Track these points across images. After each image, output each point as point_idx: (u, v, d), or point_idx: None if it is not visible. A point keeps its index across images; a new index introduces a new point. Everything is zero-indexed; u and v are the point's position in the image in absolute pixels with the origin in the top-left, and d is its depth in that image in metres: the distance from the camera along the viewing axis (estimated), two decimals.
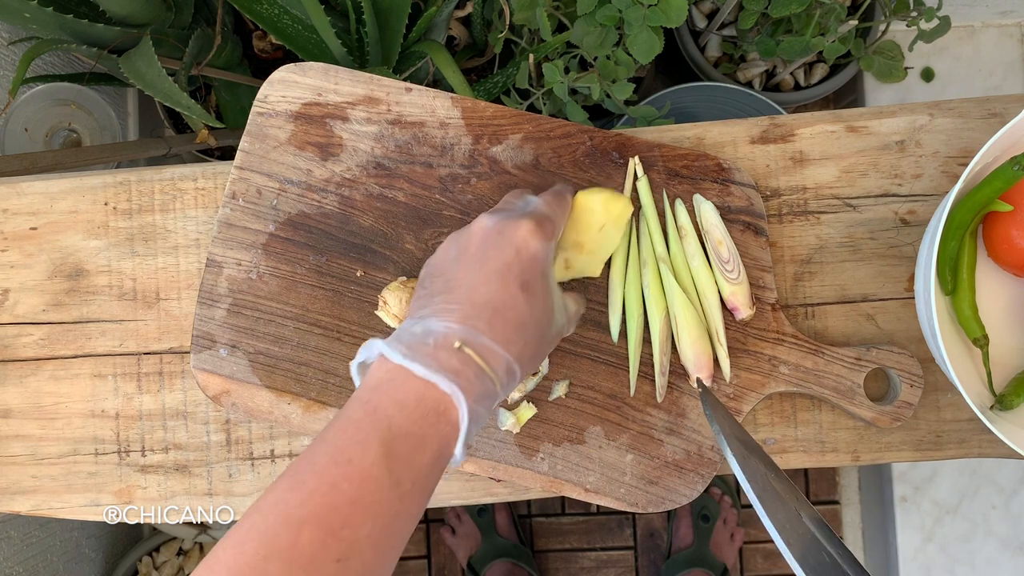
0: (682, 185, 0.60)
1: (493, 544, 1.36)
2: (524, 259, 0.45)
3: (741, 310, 0.58)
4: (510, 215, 0.47)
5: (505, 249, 0.45)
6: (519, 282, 0.45)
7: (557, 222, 0.49)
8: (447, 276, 0.46)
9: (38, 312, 0.64)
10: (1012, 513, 1.28)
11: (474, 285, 0.44)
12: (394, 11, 0.87)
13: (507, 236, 0.46)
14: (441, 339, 0.42)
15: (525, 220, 0.46)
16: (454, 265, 0.46)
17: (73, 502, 0.62)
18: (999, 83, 1.28)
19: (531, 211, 0.48)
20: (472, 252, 0.46)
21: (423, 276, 0.48)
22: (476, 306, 0.43)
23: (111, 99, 1.12)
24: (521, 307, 0.44)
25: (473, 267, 0.45)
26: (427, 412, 0.40)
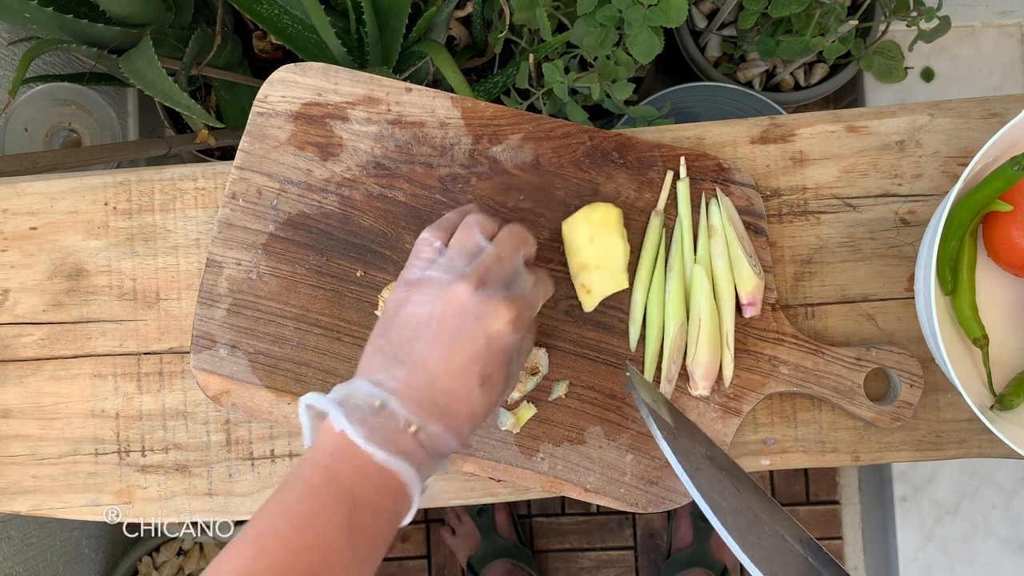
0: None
1: (493, 544, 1.36)
2: (493, 351, 0.46)
3: (757, 305, 0.58)
4: (493, 293, 0.46)
5: (477, 339, 0.45)
6: (481, 377, 0.45)
7: (535, 308, 0.49)
8: (414, 347, 0.46)
9: (38, 312, 0.64)
10: (1012, 513, 1.28)
11: (438, 372, 0.45)
12: (394, 11, 0.87)
13: (483, 323, 0.45)
14: (401, 424, 0.43)
15: (504, 309, 0.46)
16: (424, 337, 0.46)
17: (73, 502, 0.62)
18: (999, 83, 1.28)
19: (515, 297, 0.47)
20: (445, 330, 0.46)
21: (388, 319, 0.48)
22: (435, 395, 0.45)
23: (111, 99, 1.12)
24: (476, 401, 0.45)
25: (441, 350, 0.45)
26: (385, 484, 0.42)
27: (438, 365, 0.45)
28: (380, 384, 0.45)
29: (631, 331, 0.59)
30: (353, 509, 0.41)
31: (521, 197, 0.60)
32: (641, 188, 0.60)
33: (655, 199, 0.60)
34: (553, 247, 0.60)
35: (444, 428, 0.44)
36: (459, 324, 0.45)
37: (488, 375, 0.46)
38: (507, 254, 0.49)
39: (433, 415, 0.44)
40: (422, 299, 0.47)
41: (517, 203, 0.60)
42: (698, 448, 0.49)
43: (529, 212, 0.60)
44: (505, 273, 0.48)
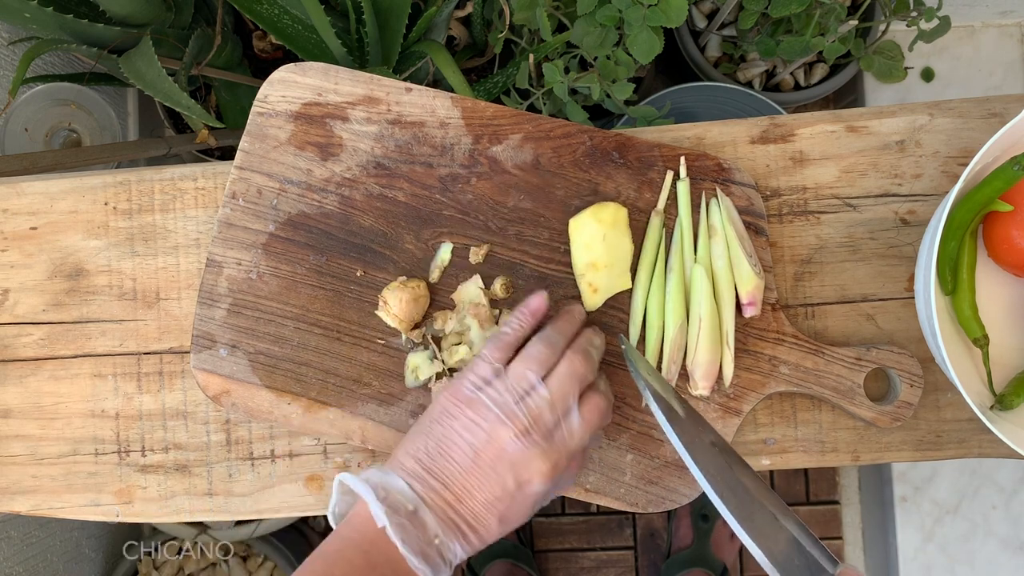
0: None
1: (492, 544, 1.35)
2: (519, 499, 0.48)
3: (757, 305, 0.58)
4: (535, 447, 0.48)
5: (507, 484, 0.48)
6: (501, 516, 0.48)
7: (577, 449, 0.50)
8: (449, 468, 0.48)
9: (38, 312, 0.64)
10: (1012, 513, 1.28)
11: (465, 499, 0.48)
12: (394, 11, 0.87)
13: (516, 471, 0.48)
14: (430, 535, 0.47)
15: (541, 464, 0.48)
16: (460, 463, 0.48)
17: (73, 502, 0.62)
18: (999, 83, 1.28)
19: (555, 450, 0.49)
20: (481, 465, 0.48)
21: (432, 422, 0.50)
22: (459, 517, 0.48)
23: (111, 99, 1.12)
24: (492, 532, 0.49)
25: (472, 482, 0.48)
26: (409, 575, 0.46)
27: (467, 493, 0.48)
28: (415, 489, 0.48)
29: (631, 331, 0.59)
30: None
31: (521, 197, 0.60)
32: (641, 188, 0.60)
33: (655, 199, 0.60)
34: (553, 247, 0.60)
35: (460, 547, 0.48)
36: (494, 465, 0.48)
37: (507, 516, 0.48)
38: (560, 398, 0.50)
39: (455, 534, 0.47)
40: (466, 423, 0.49)
41: (517, 203, 0.60)
42: (693, 423, 0.50)
43: (529, 212, 0.60)
44: (553, 420, 0.49)
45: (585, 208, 0.59)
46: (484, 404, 0.49)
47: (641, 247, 0.59)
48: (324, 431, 0.59)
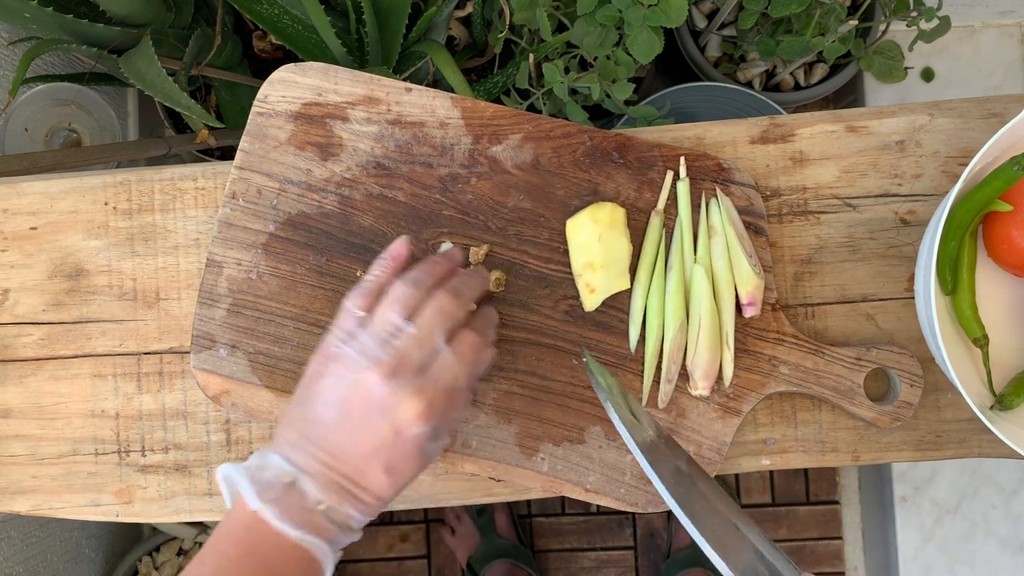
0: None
1: (492, 544, 1.36)
2: (399, 444, 0.46)
3: (757, 305, 0.58)
4: (404, 385, 0.46)
5: (382, 431, 0.46)
6: (385, 467, 0.46)
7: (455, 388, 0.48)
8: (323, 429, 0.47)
9: (38, 312, 0.64)
10: (1012, 513, 1.28)
11: (344, 457, 0.46)
12: (394, 11, 0.87)
13: (388, 416, 0.46)
14: (310, 503, 0.45)
15: (413, 403, 0.46)
16: (332, 421, 0.47)
17: (73, 502, 0.62)
18: (999, 83, 1.28)
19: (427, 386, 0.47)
20: (351, 418, 0.46)
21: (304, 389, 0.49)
22: (342, 477, 0.46)
23: (111, 99, 1.12)
24: (382, 486, 0.47)
25: (347, 437, 0.46)
26: (301, 558, 0.44)
27: (344, 450, 0.46)
28: (291, 460, 0.46)
29: (631, 331, 0.59)
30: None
31: (521, 197, 0.60)
32: (641, 188, 0.60)
33: (655, 199, 0.60)
34: (552, 247, 0.60)
35: (352, 508, 0.46)
36: (365, 414, 0.46)
37: (393, 465, 0.47)
38: (426, 335, 0.48)
39: (340, 495, 0.46)
40: (333, 380, 0.47)
41: (517, 203, 0.60)
42: (653, 432, 0.49)
43: (529, 212, 0.60)
44: (421, 358, 0.48)
45: (584, 208, 0.59)
46: (349, 356, 0.47)
47: (641, 247, 0.59)
48: None
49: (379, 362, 0.46)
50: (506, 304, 0.59)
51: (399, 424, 0.46)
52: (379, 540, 1.45)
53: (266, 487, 0.45)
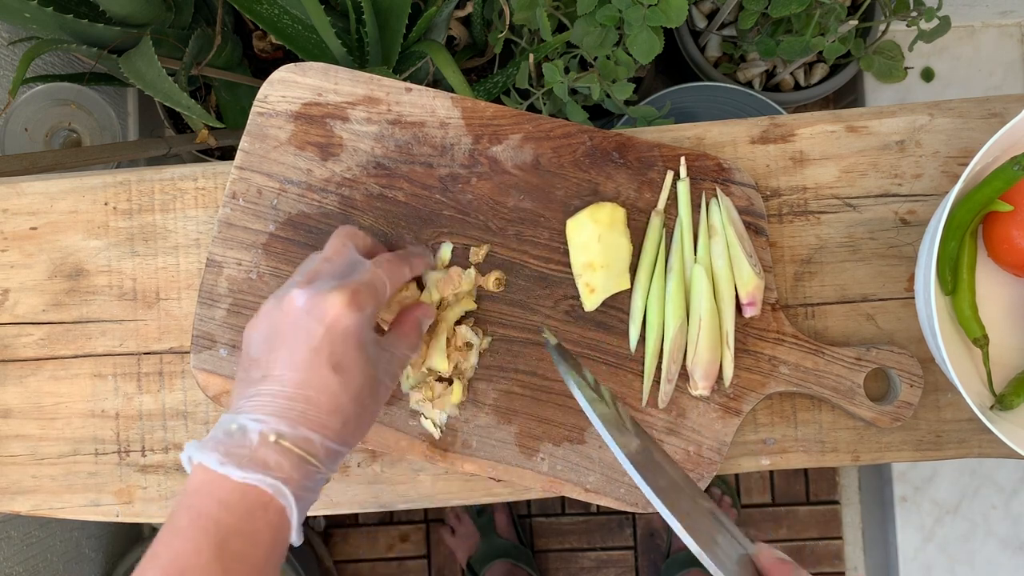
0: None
1: (492, 545, 1.36)
2: (335, 337, 0.45)
3: (757, 305, 0.58)
4: (322, 287, 0.46)
5: (314, 329, 0.45)
6: (330, 364, 0.44)
7: (380, 287, 0.48)
8: (261, 363, 0.46)
9: (38, 312, 0.64)
10: (1012, 513, 1.28)
11: (285, 373, 0.44)
12: (394, 11, 0.87)
13: (315, 314, 0.45)
14: (257, 437, 0.43)
15: (335, 294, 0.45)
16: (267, 349, 0.46)
17: (73, 502, 0.62)
18: (999, 83, 1.28)
19: (348, 281, 0.47)
20: (283, 334, 0.45)
21: (244, 351, 0.48)
22: (289, 397, 0.44)
23: (111, 99, 1.12)
24: (334, 389, 0.44)
25: (284, 352, 0.45)
26: (252, 508, 0.41)
27: (284, 369, 0.45)
28: (238, 409, 0.44)
29: (631, 331, 0.59)
30: (221, 541, 0.40)
31: (521, 197, 0.60)
32: (641, 188, 0.60)
33: (655, 199, 0.60)
34: (552, 247, 0.60)
35: (308, 428, 0.43)
36: (294, 325, 0.45)
37: (337, 361, 0.45)
38: (334, 252, 0.49)
39: (291, 419, 0.43)
40: (261, 318, 0.47)
41: (517, 203, 0.60)
42: (620, 411, 0.49)
43: (529, 212, 0.60)
44: (335, 268, 0.48)
45: (584, 208, 0.59)
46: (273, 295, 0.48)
47: (641, 247, 0.59)
48: None
49: (297, 282, 0.47)
50: (506, 304, 0.59)
51: (328, 317, 0.45)
52: (379, 540, 1.45)
53: (209, 440, 0.43)
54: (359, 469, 0.62)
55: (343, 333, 0.45)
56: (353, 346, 0.45)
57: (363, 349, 0.46)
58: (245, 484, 0.41)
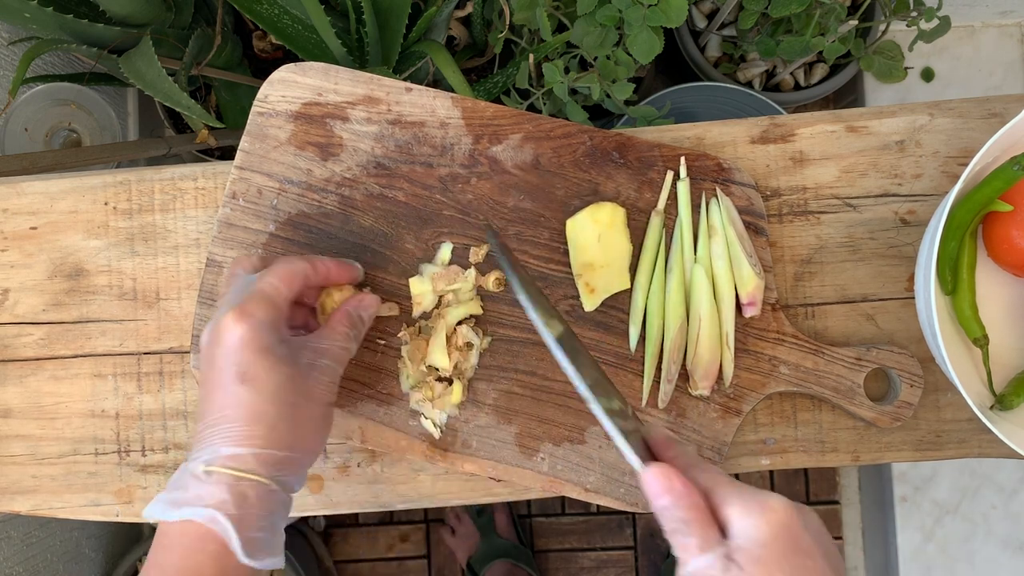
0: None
1: (492, 545, 1.36)
2: (232, 352, 0.46)
3: (757, 305, 0.58)
4: (215, 316, 0.48)
5: (216, 352, 0.46)
6: (236, 378, 0.45)
7: (271, 292, 0.49)
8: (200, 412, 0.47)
9: (38, 312, 0.64)
10: (1012, 513, 1.28)
11: (209, 407, 0.46)
12: (394, 11, 0.87)
13: (214, 340, 0.47)
14: (190, 475, 0.44)
15: (224, 316, 0.47)
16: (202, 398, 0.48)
17: (73, 502, 0.62)
18: (999, 83, 1.28)
19: (237, 300, 0.48)
20: (204, 372, 0.48)
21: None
22: (212, 424, 0.45)
23: (111, 99, 1.12)
24: (246, 398, 0.45)
25: (206, 387, 0.47)
26: (192, 543, 0.43)
27: (207, 405, 0.46)
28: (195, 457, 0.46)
29: (631, 331, 0.59)
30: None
31: (521, 197, 0.60)
32: (641, 188, 0.60)
33: (655, 199, 0.60)
34: (553, 247, 0.60)
35: (232, 445, 0.44)
36: (208, 362, 0.47)
37: (243, 372, 0.45)
38: (225, 284, 0.52)
39: (215, 444, 0.45)
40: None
41: (517, 203, 0.60)
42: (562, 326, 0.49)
43: (529, 212, 0.60)
44: (227, 297, 0.50)
45: (584, 208, 0.59)
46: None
47: (641, 247, 0.59)
48: None
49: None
50: (506, 304, 0.59)
51: (223, 338, 0.46)
52: (379, 540, 1.45)
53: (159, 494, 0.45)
54: (359, 469, 0.62)
55: (239, 345, 0.46)
56: (254, 352, 0.46)
57: (267, 352, 0.46)
58: (182, 523, 0.43)
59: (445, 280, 0.58)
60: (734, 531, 0.39)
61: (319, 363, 0.49)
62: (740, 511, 0.39)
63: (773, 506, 0.38)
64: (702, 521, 0.39)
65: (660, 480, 0.40)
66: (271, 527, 0.45)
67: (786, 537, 0.38)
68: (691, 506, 0.39)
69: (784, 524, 0.38)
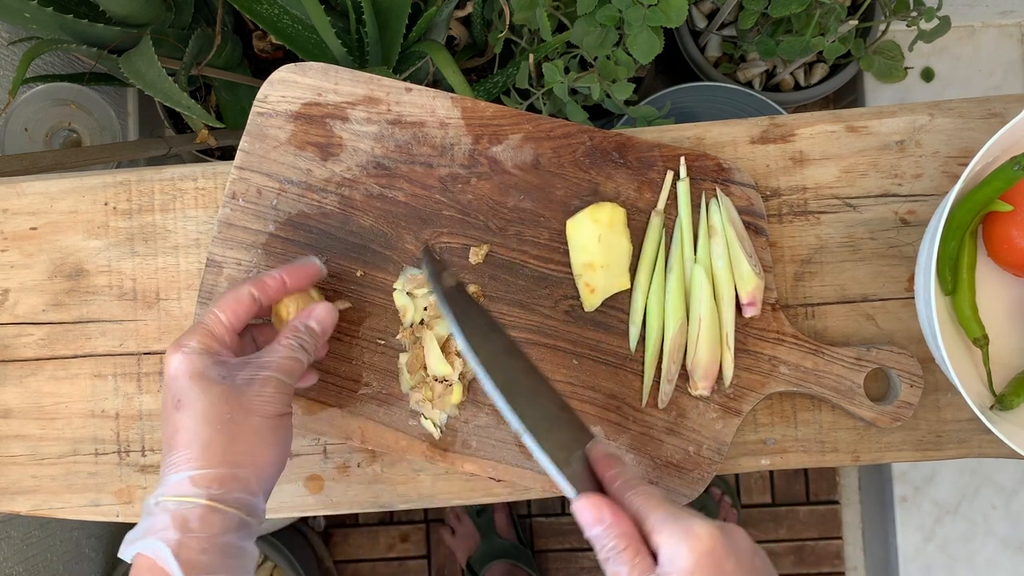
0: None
1: (492, 545, 1.36)
2: (169, 382, 0.48)
3: (757, 305, 0.58)
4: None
5: (163, 389, 0.49)
6: (173, 406, 0.47)
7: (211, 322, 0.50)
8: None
9: (38, 312, 0.64)
10: (1012, 513, 1.28)
11: (163, 438, 0.48)
12: (394, 11, 0.87)
13: (164, 380, 0.49)
14: (146, 510, 0.46)
15: (167, 353, 0.49)
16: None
17: (73, 502, 0.62)
18: (999, 83, 1.28)
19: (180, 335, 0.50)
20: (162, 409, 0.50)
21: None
22: (163, 456, 0.47)
23: (111, 99, 1.12)
24: (181, 423, 0.47)
25: (162, 423, 0.49)
26: (140, 573, 0.44)
27: (162, 434, 0.49)
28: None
29: (631, 331, 0.59)
30: None
31: (521, 197, 0.60)
32: (641, 188, 0.60)
33: (655, 199, 0.60)
34: (552, 247, 0.60)
35: (175, 472, 0.46)
36: (162, 398, 0.50)
37: (178, 399, 0.47)
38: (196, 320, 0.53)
39: (164, 475, 0.47)
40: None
41: (517, 203, 0.60)
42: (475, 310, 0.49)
43: (529, 212, 0.60)
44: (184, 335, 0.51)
45: (584, 208, 0.59)
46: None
47: (641, 247, 0.59)
48: (323, 431, 0.59)
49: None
50: (506, 304, 0.59)
51: (165, 372, 0.49)
52: (379, 540, 1.45)
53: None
54: (359, 469, 0.62)
55: (175, 375, 0.48)
56: (187, 378, 0.48)
57: (199, 376, 0.48)
58: (136, 556, 0.44)
59: (413, 284, 0.58)
60: (663, 559, 0.40)
61: (259, 376, 0.49)
62: (668, 538, 0.40)
63: (698, 533, 0.39)
64: (632, 550, 0.40)
65: (590, 511, 0.41)
66: (220, 548, 0.45)
67: (710, 563, 0.39)
68: (621, 535, 0.41)
69: (708, 551, 0.39)
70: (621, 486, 0.43)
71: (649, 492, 0.43)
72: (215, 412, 0.47)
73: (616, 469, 0.44)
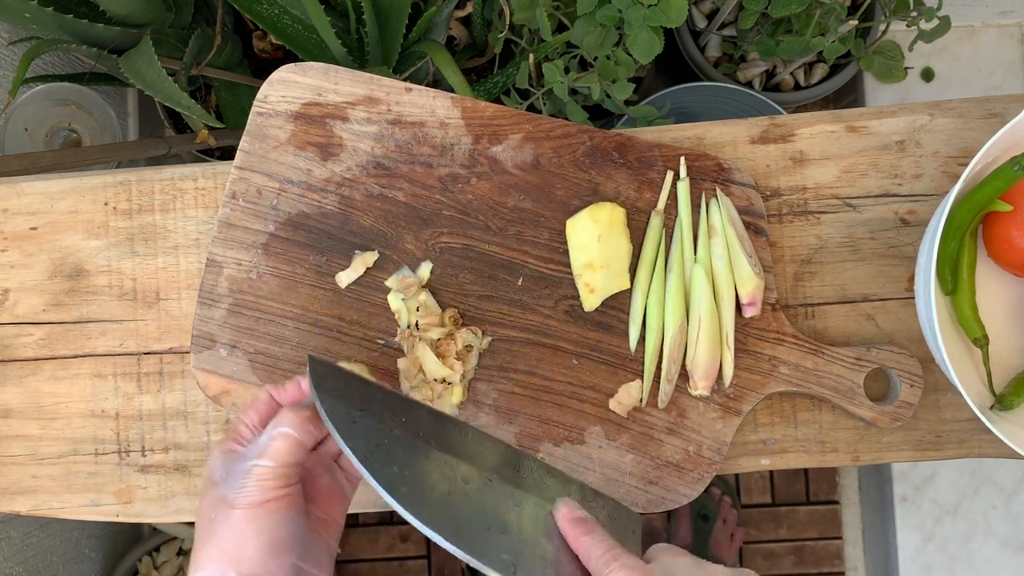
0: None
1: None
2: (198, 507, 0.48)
3: (757, 305, 0.58)
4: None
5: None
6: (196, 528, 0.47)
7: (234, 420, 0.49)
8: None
9: (38, 312, 0.64)
10: (1012, 513, 1.28)
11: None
12: (394, 11, 0.87)
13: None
14: None
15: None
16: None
17: (73, 502, 0.62)
18: (999, 83, 1.28)
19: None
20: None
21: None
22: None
23: (111, 99, 1.12)
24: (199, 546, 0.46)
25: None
26: None
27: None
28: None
29: (631, 331, 0.59)
30: None
31: (521, 197, 0.60)
32: (641, 188, 0.60)
33: (655, 199, 0.60)
34: (552, 247, 0.60)
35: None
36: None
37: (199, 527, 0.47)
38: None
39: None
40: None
41: (517, 203, 0.60)
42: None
43: (529, 212, 0.60)
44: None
45: (584, 208, 0.59)
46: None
47: (641, 247, 0.59)
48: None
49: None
50: (506, 304, 0.59)
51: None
52: (379, 540, 1.45)
53: None
54: None
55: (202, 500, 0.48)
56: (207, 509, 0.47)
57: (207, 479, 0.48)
58: None
59: (403, 285, 0.58)
60: None
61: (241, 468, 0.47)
62: None
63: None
64: None
65: None
66: None
67: None
68: None
69: None
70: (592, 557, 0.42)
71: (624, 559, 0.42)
72: (204, 511, 0.47)
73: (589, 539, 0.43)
